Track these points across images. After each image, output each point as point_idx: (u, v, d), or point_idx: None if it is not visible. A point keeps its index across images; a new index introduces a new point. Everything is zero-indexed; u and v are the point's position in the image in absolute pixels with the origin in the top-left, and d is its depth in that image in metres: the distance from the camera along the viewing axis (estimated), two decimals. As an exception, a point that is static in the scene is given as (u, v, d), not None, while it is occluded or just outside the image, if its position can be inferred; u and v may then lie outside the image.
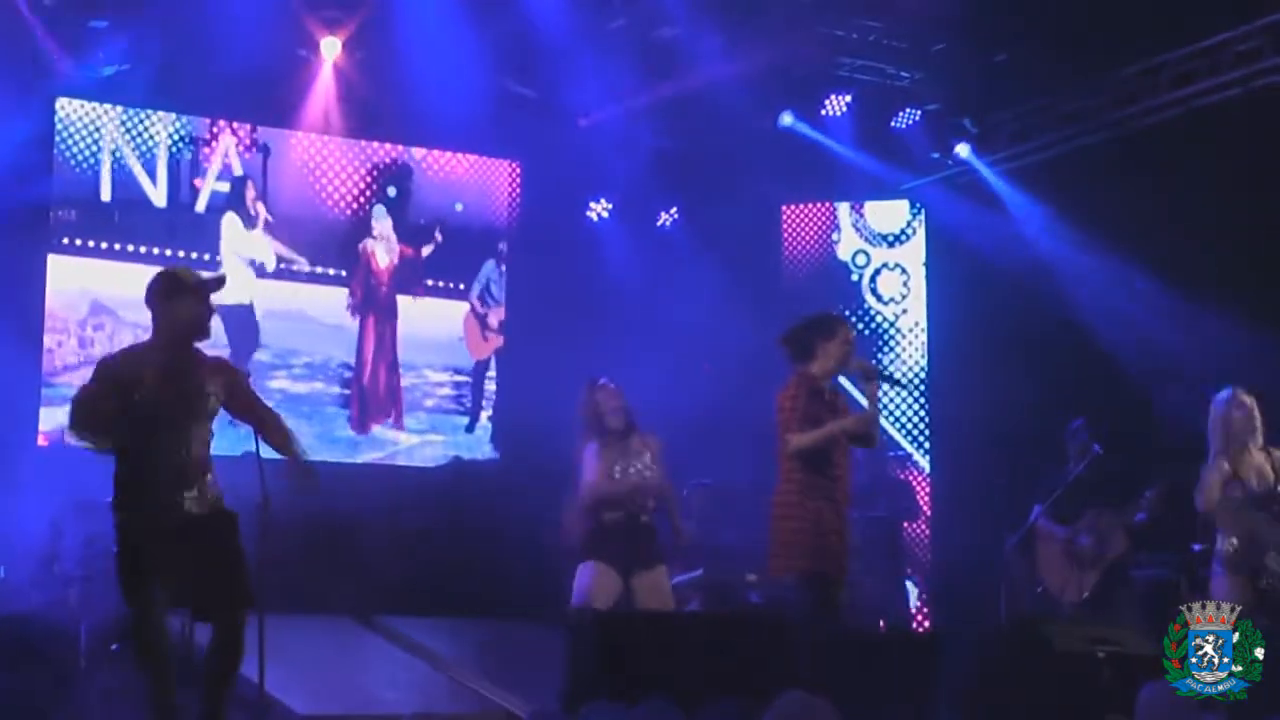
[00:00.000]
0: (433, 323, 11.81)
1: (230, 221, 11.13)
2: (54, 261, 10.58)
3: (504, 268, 12.01)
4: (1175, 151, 10.25)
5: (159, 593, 6.04)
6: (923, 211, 12.44)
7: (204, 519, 6.10)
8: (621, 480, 7.84)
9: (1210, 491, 7.79)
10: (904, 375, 7.54)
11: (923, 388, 12.08)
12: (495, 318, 12.01)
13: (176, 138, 10.98)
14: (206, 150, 11.07)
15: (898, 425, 12.02)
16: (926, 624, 11.63)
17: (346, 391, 11.46)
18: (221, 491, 6.17)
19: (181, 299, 6.09)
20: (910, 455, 11.98)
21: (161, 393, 6.03)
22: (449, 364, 11.86)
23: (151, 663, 6.04)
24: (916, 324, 12.32)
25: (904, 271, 12.47)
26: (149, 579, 6.02)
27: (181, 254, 10.76)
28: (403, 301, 11.68)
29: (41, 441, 10.27)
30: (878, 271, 12.53)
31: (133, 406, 6.01)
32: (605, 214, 12.23)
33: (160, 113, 10.91)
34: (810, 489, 7.06)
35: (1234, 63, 9.99)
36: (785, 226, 12.68)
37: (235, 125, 11.15)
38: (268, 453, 6.29)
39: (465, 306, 11.95)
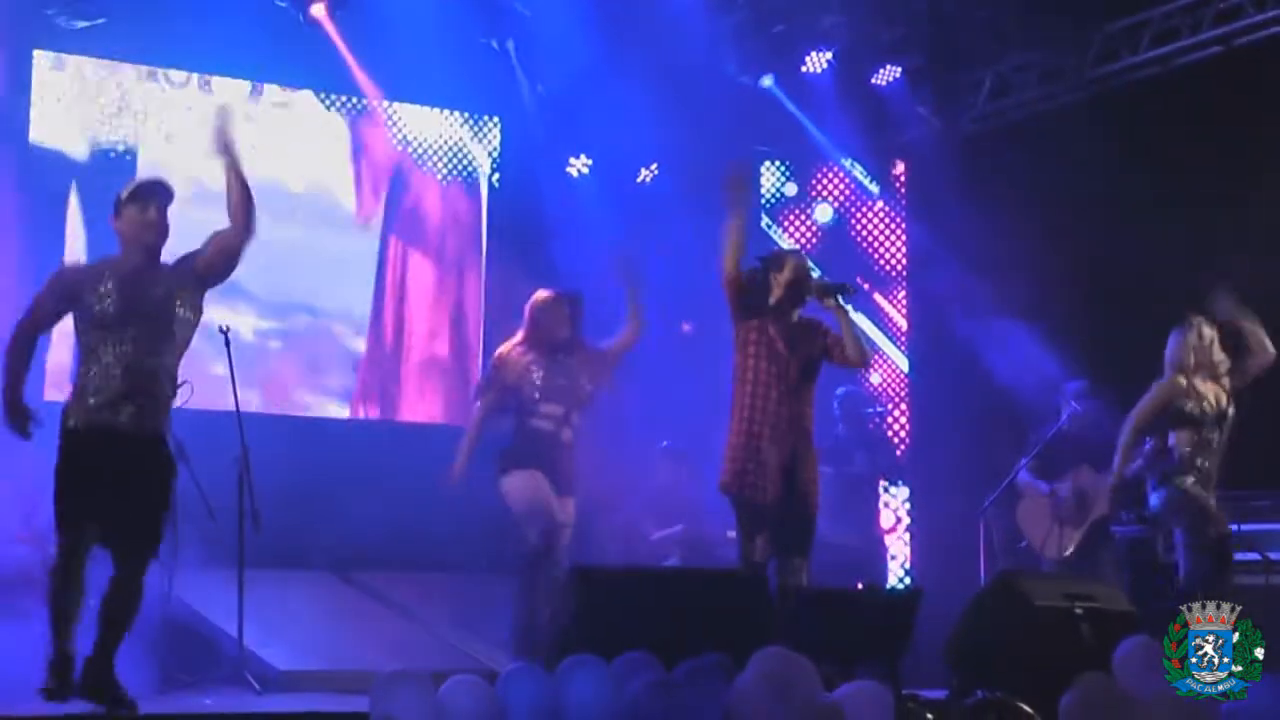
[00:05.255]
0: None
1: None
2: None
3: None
4: (1156, 109, 10.24)
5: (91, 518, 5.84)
6: (903, 168, 12.40)
7: (142, 443, 5.95)
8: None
9: (1153, 404, 7.95)
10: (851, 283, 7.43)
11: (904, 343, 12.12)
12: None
13: (156, 91, 10.85)
14: (188, 105, 10.95)
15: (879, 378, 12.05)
16: (906, 580, 11.68)
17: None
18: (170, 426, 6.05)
19: (129, 205, 6.03)
20: (890, 411, 11.98)
21: (122, 297, 5.91)
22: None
23: (64, 602, 5.79)
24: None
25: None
26: (85, 499, 5.83)
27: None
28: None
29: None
30: (858, 228, 12.52)
31: (90, 311, 5.92)
32: (585, 170, 12.17)
33: (138, 65, 10.79)
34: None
35: (1216, 20, 9.98)
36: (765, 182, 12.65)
37: (213, 79, 11.04)
38: (246, 405, 6.23)
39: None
